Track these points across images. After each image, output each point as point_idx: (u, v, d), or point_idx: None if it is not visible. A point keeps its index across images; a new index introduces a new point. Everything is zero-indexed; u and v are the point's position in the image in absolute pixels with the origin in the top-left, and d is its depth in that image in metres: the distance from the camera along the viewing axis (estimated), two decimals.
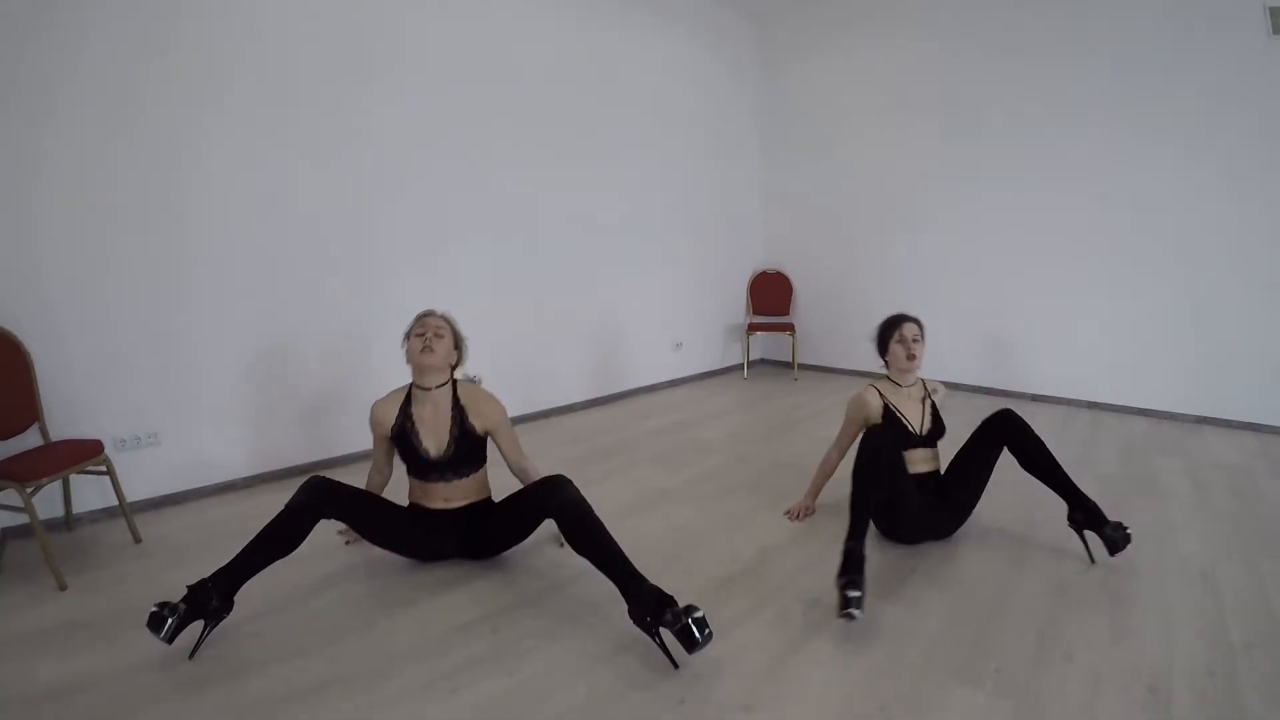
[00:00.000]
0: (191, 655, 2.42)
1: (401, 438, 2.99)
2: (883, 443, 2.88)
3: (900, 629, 2.70)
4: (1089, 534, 3.08)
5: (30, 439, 3.28)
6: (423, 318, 3.06)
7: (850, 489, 2.88)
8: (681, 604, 2.32)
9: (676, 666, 2.35)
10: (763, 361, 7.95)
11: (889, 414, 3.35)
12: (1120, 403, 5.62)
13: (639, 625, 2.37)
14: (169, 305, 3.90)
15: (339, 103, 4.44)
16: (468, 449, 3.00)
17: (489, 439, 3.11)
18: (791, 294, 7.38)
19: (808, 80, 7.18)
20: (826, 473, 3.73)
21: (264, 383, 4.29)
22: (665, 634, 2.34)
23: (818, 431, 4.51)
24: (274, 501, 2.83)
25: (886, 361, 3.42)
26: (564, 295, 5.88)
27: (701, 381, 7.09)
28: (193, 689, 2.30)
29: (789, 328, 7.11)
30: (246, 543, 2.57)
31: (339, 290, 4.55)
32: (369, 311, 4.64)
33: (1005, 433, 3.12)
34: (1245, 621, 2.68)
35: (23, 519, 3.05)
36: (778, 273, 7.42)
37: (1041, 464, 3.10)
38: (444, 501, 3.01)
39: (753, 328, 7.26)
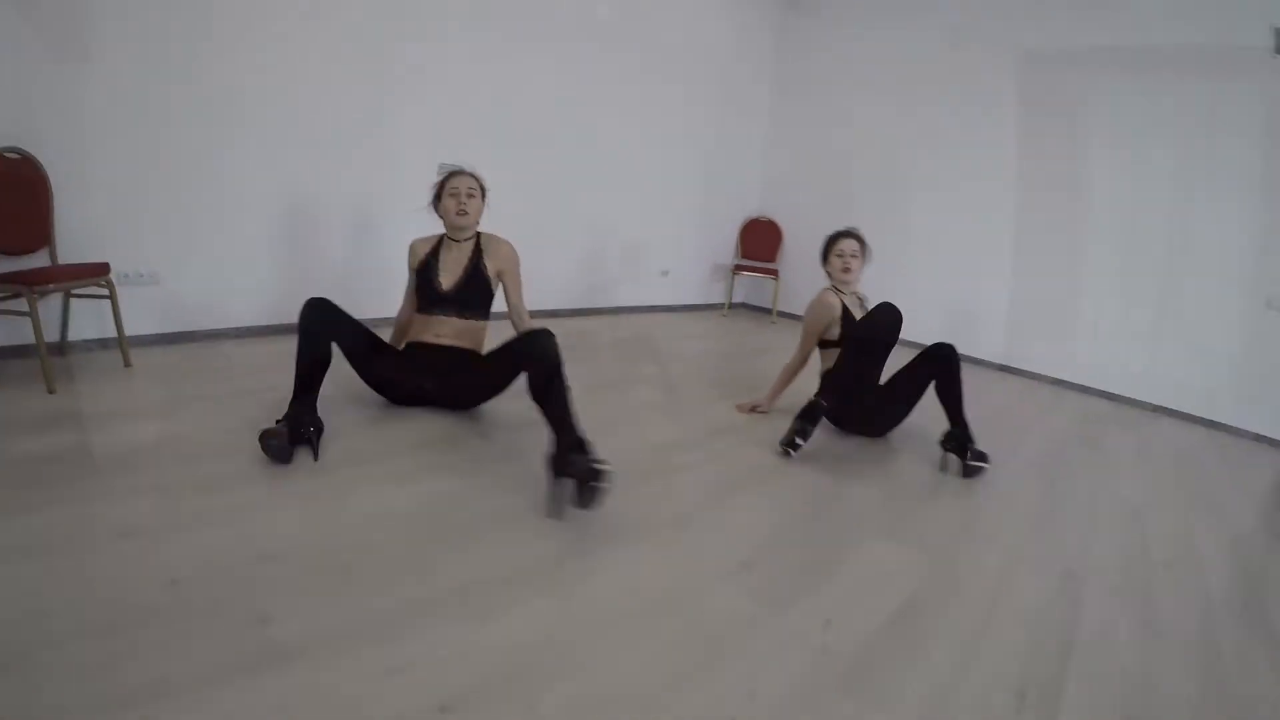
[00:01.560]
0: (316, 459, 2.50)
1: (423, 271, 3.13)
2: (877, 332, 3.18)
3: (833, 494, 2.84)
4: (952, 457, 3.22)
5: (39, 261, 3.30)
6: (453, 178, 3.13)
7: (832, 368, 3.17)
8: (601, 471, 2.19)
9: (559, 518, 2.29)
10: (744, 305, 7.95)
11: (846, 314, 3.48)
12: (1084, 383, 5.68)
13: (551, 468, 2.30)
14: (198, 153, 3.89)
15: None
16: (475, 289, 3.11)
17: (499, 283, 3.20)
18: (780, 243, 7.43)
19: (824, 43, 7.17)
20: (787, 378, 3.78)
21: (281, 240, 4.31)
22: (567, 484, 2.27)
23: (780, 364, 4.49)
24: (267, 350, 2.74)
25: (827, 272, 3.65)
26: (562, 203, 5.87)
27: (683, 312, 7.14)
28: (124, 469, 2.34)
29: (773, 273, 7.25)
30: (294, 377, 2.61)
31: (363, 162, 4.57)
32: (390, 185, 4.65)
33: (938, 361, 3.25)
34: (1167, 547, 2.77)
35: (20, 338, 3.21)
36: (770, 221, 7.45)
37: (949, 391, 3.24)
38: (435, 336, 3.06)
39: (738, 269, 7.35)
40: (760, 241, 7.46)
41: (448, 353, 3.06)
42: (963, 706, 1.63)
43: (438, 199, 3.17)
